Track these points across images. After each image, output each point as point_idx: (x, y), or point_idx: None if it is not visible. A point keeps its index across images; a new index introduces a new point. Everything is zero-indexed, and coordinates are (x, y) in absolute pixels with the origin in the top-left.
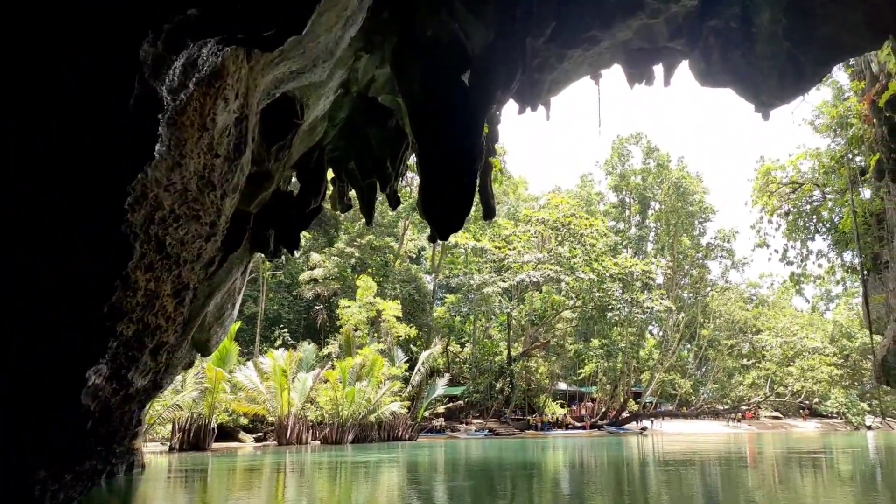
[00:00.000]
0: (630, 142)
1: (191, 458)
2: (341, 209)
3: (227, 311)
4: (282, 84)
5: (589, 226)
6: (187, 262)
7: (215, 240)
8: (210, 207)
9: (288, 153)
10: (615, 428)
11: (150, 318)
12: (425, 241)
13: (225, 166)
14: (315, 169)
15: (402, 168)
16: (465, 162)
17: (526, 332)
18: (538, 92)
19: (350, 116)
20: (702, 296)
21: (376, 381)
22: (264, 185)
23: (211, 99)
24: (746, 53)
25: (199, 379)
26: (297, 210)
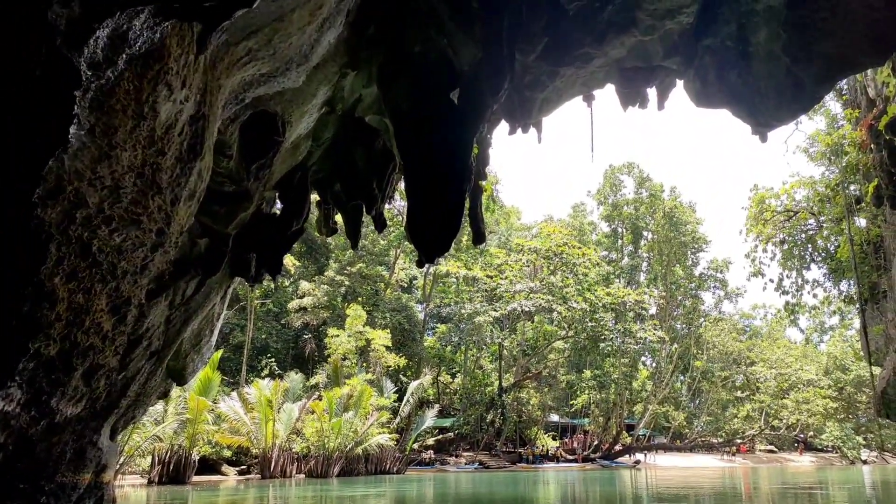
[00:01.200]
0: (622, 171)
1: (169, 492)
2: (326, 233)
3: (205, 339)
4: (251, 88)
5: (581, 255)
6: (127, 273)
7: (165, 251)
8: (156, 213)
9: (269, 172)
10: (608, 461)
11: (78, 337)
12: (417, 271)
13: (176, 168)
14: (298, 189)
15: (389, 190)
16: (454, 182)
17: (517, 363)
18: (529, 110)
19: (336, 136)
20: (695, 326)
21: (364, 412)
22: (243, 204)
23: (149, 84)
24: (743, 73)
25: (180, 409)
26: (279, 232)
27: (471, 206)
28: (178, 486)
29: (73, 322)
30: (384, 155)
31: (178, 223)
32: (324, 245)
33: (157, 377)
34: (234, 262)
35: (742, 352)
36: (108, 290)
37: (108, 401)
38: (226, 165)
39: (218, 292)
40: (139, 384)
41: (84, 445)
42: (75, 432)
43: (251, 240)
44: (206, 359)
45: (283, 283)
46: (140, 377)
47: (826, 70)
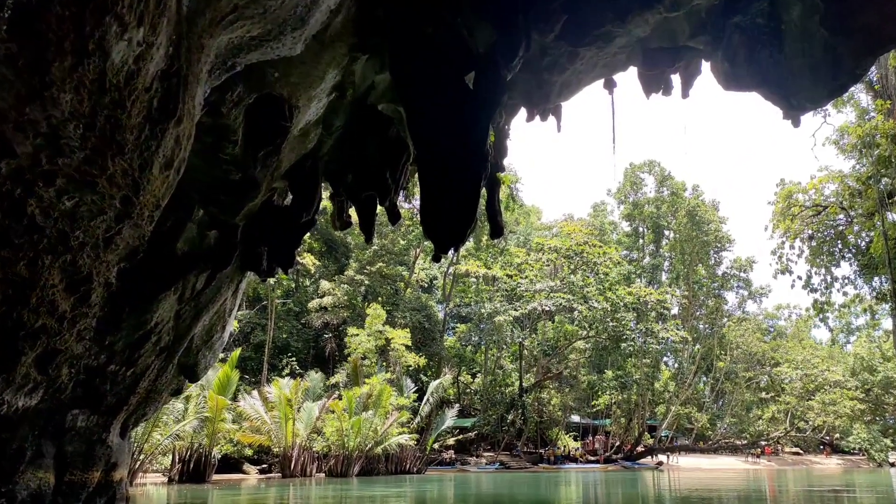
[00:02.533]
0: (643, 169)
1: (187, 491)
2: (340, 226)
3: (216, 334)
4: (242, 53)
5: (602, 254)
6: (86, 246)
7: (135, 224)
8: (119, 177)
9: (277, 160)
10: (630, 462)
11: (26, 316)
12: (437, 271)
13: (145, 129)
14: (308, 180)
15: (403, 181)
16: (469, 170)
17: (538, 363)
18: (547, 95)
19: (348, 125)
20: (718, 327)
21: (384, 412)
22: (250, 193)
23: (93, 15)
24: (775, 53)
25: (200, 408)
26: (289, 223)
27: (488, 199)
28: (198, 485)
29: (14, 298)
30: (398, 144)
31: (151, 194)
32: (344, 245)
33: (168, 373)
34: (245, 255)
35: (766, 352)
36: (62, 264)
37: (116, 397)
38: (231, 151)
39: (229, 287)
40: (149, 380)
41: (93, 443)
42: (35, 427)
43: (262, 232)
44: (217, 355)
45: (303, 282)
46: (150, 373)
47: (866, 44)
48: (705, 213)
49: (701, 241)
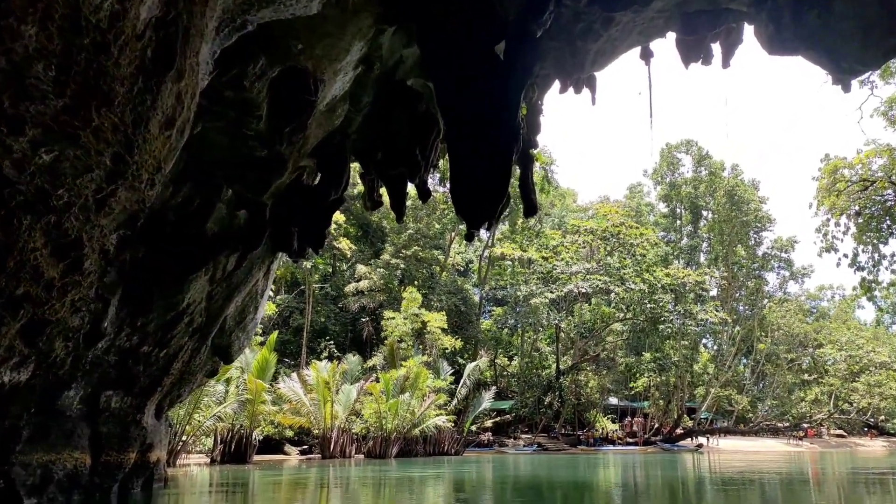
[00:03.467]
0: (679, 149)
1: (228, 471)
2: (371, 206)
3: (249, 315)
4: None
5: (639, 235)
6: (73, 206)
7: (132, 186)
8: (109, 133)
9: (303, 136)
10: (669, 444)
11: (4, 282)
12: (472, 254)
13: (138, 81)
14: (336, 157)
15: (434, 157)
16: (500, 143)
17: (575, 345)
18: (581, 64)
19: (376, 101)
20: (758, 308)
21: (420, 394)
22: (277, 171)
23: None
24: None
25: (240, 390)
26: (318, 202)
27: (521, 176)
28: (239, 466)
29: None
30: (427, 120)
31: (150, 155)
32: (379, 229)
33: (201, 354)
34: (275, 236)
35: (809, 334)
36: (45, 226)
37: (150, 378)
38: (255, 127)
39: (260, 268)
40: (182, 362)
41: (127, 424)
42: (30, 404)
43: (291, 212)
44: (251, 336)
45: (340, 266)
46: (183, 354)
47: None
48: (745, 193)
49: (740, 222)
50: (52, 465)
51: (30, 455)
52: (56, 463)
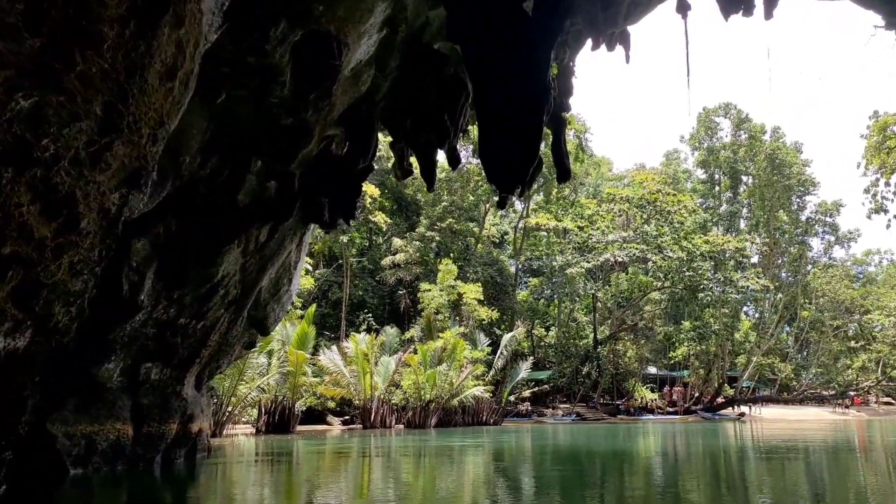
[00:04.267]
0: (717, 113)
1: (272, 441)
2: (401, 175)
3: (283, 287)
4: None
5: (676, 202)
6: (60, 160)
7: (130, 140)
8: (97, 79)
9: (328, 103)
10: (710, 413)
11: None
12: (507, 226)
13: (129, 24)
14: (363, 125)
15: (463, 122)
16: (530, 103)
17: (612, 315)
18: (614, 17)
19: (402, 66)
20: (802, 274)
21: (458, 365)
22: (303, 139)
23: None
24: None
25: (282, 362)
26: (346, 171)
27: (553, 140)
28: (283, 435)
29: None
30: (455, 84)
31: (150, 108)
32: (414, 202)
33: (238, 326)
34: (306, 207)
35: (855, 300)
36: (30, 180)
37: (188, 350)
38: (279, 94)
39: (293, 240)
40: (220, 333)
41: (168, 395)
42: (33, 374)
43: (320, 181)
44: (286, 308)
45: (376, 240)
46: (220, 326)
47: None
48: (786, 157)
49: (782, 186)
50: (96, 435)
51: (74, 426)
52: (99, 434)
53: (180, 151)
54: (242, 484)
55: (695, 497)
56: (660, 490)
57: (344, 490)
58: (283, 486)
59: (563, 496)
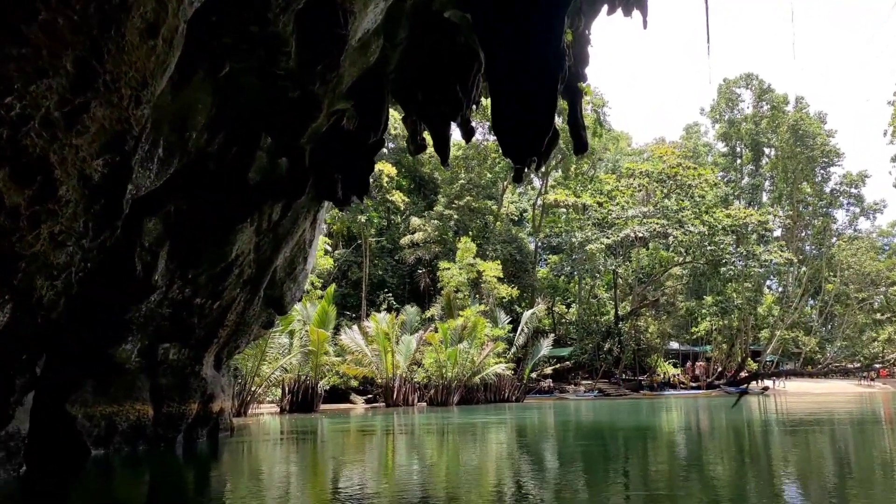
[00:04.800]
0: (739, 84)
1: (295, 420)
2: (415, 150)
3: (298, 266)
4: None
5: (697, 176)
6: (31, 119)
7: (109, 101)
8: (65, 31)
9: (336, 75)
10: (733, 388)
11: None
12: (526, 203)
13: None
14: (373, 97)
15: (476, 94)
16: (543, 72)
17: (633, 291)
18: None
19: (412, 36)
20: (826, 247)
21: (479, 343)
22: (311, 113)
23: None
24: None
25: (303, 342)
26: (357, 146)
27: (570, 111)
28: (306, 414)
29: None
30: (466, 54)
31: (131, 66)
32: (431, 180)
33: (255, 306)
34: (319, 184)
35: (881, 272)
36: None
37: (205, 330)
38: (285, 65)
39: (307, 217)
40: (236, 313)
41: (186, 376)
42: (21, 352)
43: (330, 157)
44: (303, 287)
45: (395, 220)
46: (236, 306)
47: None
48: (810, 127)
49: (805, 158)
50: (116, 416)
51: (93, 407)
52: (119, 414)
53: (186, 127)
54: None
55: (719, 471)
56: (683, 464)
57: (369, 468)
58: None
59: (586, 471)
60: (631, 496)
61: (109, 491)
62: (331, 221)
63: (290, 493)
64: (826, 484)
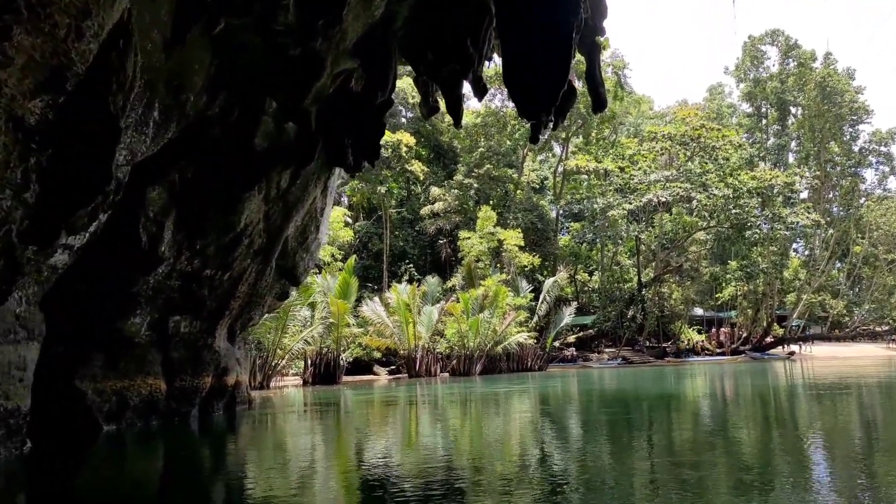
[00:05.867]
0: (764, 41)
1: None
2: (427, 112)
3: (311, 235)
4: None
5: (721, 138)
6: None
7: (40, 30)
8: None
9: (339, 30)
10: (758, 353)
11: None
12: (547, 171)
13: None
14: (380, 54)
15: (487, 49)
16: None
17: (656, 257)
18: None
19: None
20: (854, 208)
21: (500, 312)
22: (314, 71)
23: None
24: None
25: (325, 315)
26: (365, 106)
27: (588, 67)
28: (329, 386)
29: None
30: (477, 7)
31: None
32: (451, 149)
33: (267, 277)
34: (329, 150)
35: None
36: None
37: (217, 302)
38: (284, 20)
39: (317, 185)
40: (248, 284)
41: (199, 349)
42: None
43: (338, 117)
44: (315, 257)
45: (414, 190)
46: (248, 277)
47: None
48: (838, 84)
49: (833, 116)
50: (127, 391)
51: (103, 382)
52: (130, 389)
53: (183, 88)
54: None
55: (744, 437)
56: (708, 431)
57: (392, 438)
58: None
59: (611, 439)
60: (655, 464)
61: (115, 468)
62: (351, 193)
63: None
64: (853, 449)
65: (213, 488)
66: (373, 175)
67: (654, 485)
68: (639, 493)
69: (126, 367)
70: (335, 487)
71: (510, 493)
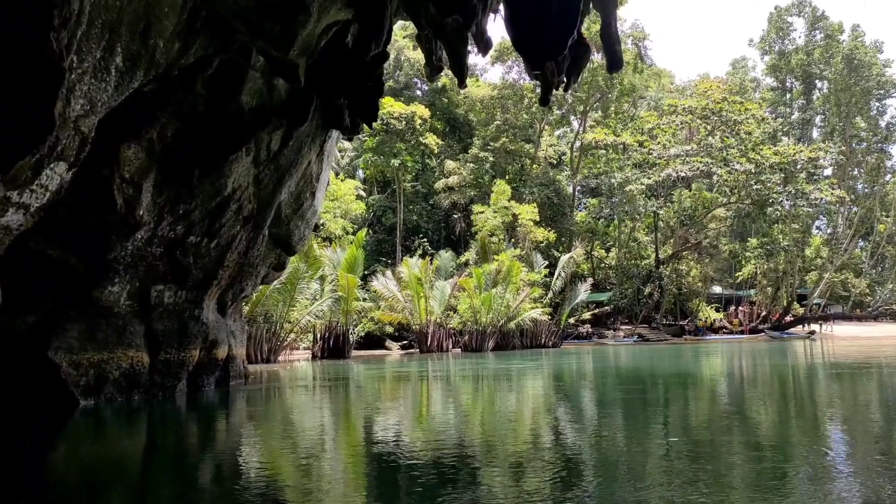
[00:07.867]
0: (790, 12)
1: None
2: (431, 73)
3: (306, 202)
4: None
5: (744, 111)
6: None
7: None
8: None
9: None
10: (778, 332)
11: None
12: (564, 146)
13: None
14: (375, 4)
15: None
16: None
17: (675, 233)
18: None
19: None
20: (880, 185)
21: (514, 288)
22: (299, 17)
23: None
24: None
25: (333, 287)
26: (358, 59)
27: (603, 23)
28: (338, 360)
29: None
30: None
31: None
32: (466, 122)
33: (259, 245)
34: (324, 110)
35: None
36: None
37: (203, 271)
38: None
39: (311, 148)
40: (238, 253)
41: (185, 320)
42: None
43: (329, 71)
44: (312, 225)
45: (429, 163)
46: (237, 245)
47: None
48: (866, 57)
49: (860, 90)
50: (106, 364)
51: (79, 354)
52: (109, 362)
53: (150, 33)
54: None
55: (761, 417)
56: (725, 411)
57: (403, 413)
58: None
59: (625, 418)
60: (671, 444)
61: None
62: (364, 166)
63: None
64: (871, 428)
65: (185, 467)
66: (387, 148)
67: (668, 464)
68: (653, 474)
69: (105, 339)
70: (325, 469)
71: (522, 472)
